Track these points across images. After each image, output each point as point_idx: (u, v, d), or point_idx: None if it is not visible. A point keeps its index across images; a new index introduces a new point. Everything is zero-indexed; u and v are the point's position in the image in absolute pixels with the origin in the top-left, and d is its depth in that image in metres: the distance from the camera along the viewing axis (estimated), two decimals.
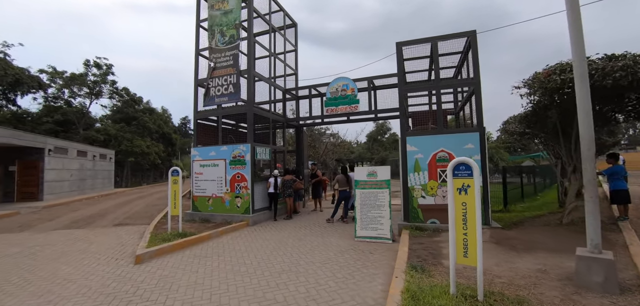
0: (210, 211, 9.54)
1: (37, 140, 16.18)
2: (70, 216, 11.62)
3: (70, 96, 30.29)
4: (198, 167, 9.86)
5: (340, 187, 9.05)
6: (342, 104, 10.72)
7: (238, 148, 9.23)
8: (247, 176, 9.04)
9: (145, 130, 37.31)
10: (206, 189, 9.68)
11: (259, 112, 9.87)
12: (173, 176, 7.25)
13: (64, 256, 6.01)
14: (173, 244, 6.27)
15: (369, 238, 6.85)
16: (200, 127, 10.41)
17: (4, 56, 25.62)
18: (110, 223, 9.82)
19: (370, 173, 7.06)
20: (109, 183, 25.82)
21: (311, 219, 9.75)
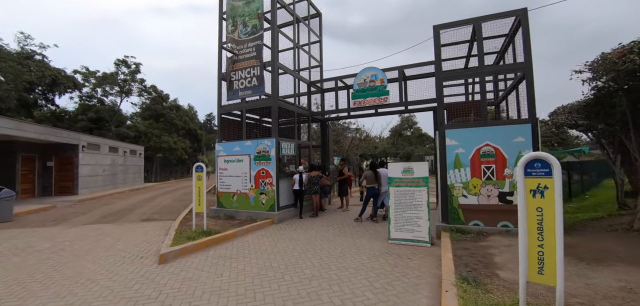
0: (235, 207, 9.30)
1: (72, 136, 16.82)
2: (102, 210, 11.87)
3: (103, 95, 31.60)
4: (222, 162, 9.65)
5: (369, 184, 8.48)
6: (371, 96, 10.09)
7: (262, 143, 8.89)
8: (272, 172, 8.69)
9: (172, 126, 38.39)
10: (231, 185, 9.44)
11: (283, 106, 9.47)
12: (197, 172, 7.01)
13: (91, 253, 5.92)
14: (197, 243, 6.01)
15: (404, 240, 6.26)
16: (224, 121, 10.18)
17: (42, 58, 27.05)
18: (138, 218, 9.86)
19: (406, 169, 6.44)
20: (139, 178, 26.70)
21: (338, 218, 9.27)
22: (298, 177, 9.26)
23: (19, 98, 24.55)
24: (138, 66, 31.45)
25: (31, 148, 15.92)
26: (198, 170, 7.01)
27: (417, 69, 10.16)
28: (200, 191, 6.96)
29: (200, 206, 6.98)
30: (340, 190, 10.42)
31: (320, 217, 9.45)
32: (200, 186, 6.97)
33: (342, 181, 10.43)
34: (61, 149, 16.93)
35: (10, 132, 12.33)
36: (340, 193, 10.43)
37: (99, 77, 30.58)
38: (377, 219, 8.57)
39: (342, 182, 10.41)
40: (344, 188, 10.36)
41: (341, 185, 10.41)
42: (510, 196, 6.45)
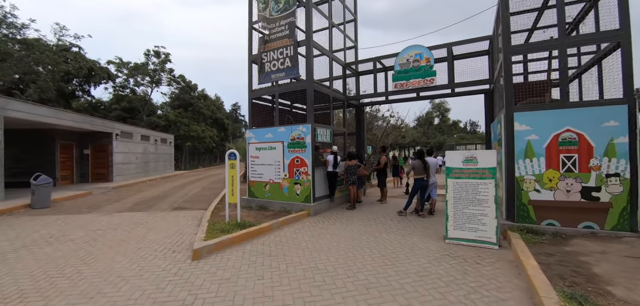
0: (267, 198, 8.78)
1: (106, 125, 17.14)
2: (134, 198, 11.86)
3: (135, 85, 32.47)
4: (254, 150, 9.12)
5: (416, 175, 7.60)
6: (415, 77, 9.12)
7: (297, 129, 8.23)
8: (308, 161, 8.03)
9: (200, 115, 39.00)
10: (263, 174, 8.91)
11: (319, 89, 8.73)
12: (230, 159, 6.48)
13: (123, 245, 5.57)
14: (232, 237, 5.48)
15: (465, 241, 5.39)
16: (255, 107, 9.63)
17: (78, 50, 28.03)
18: (170, 207, 9.63)
19: (468, 158, 5.51)
20: (169, 166, 27.26)
21: (378, 211, 8.48)
22: (332, 157, 8.57)
23: (58, 89, 25.67)
24: (167, 56, 31.95)
25: (69, 136, 16.38)
26: (231, 158, 6.47)
27: (468, 47, 9.03)
28: (234, 180, 6.43)
29: (234, 196, 6.47)
30: (380, 181, 9.60)
31: (358, 209, 8.72)
32: (234, 175, 6.44)
33: (381, 171, 9.60)
34: (96, 137, 17.32)
35: (48, 120, 12.56)
36: (380, 185, 9.61)
37: (131, 67, 31.42)
38: (423, 214, 7.71)
39: (381, 172, 9.59)
40: (383, 179, 9.54)
41: (380, 176, 9.59)
42: (596, 191, 5.36)
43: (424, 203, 7.78)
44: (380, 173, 9.58)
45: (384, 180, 9.61)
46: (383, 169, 9.53)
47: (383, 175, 9.51)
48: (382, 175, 9.52)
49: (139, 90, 32.66)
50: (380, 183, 9.61)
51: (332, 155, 8.58)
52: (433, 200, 7.97)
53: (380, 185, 9.61)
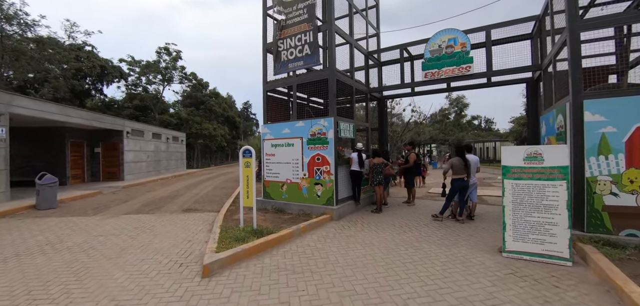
0: (285, 199, 7.98)
1: (116, 122, 16.73)
2: (144, 198, 11.28)
3: (147, 83, 32.31)
4: (269, 147, 8.33)
5: (455, 174, 6.65)
6: (448, 65, 8.14)
7: (318, 123, 7.39)
8: (330, 158, 7.18)
9: (212, 113, 38.69)
10: (279, 173, 8.11)
11: (341, 79, 7.85)
12: (245, 157, 5.68)
13: (123, 255, 4.86)
14: (248, 247, 4.69)
15: (528, 255, 4.44)
16: (270, 100, 8.83)
17: (91, 49, 27.98)
18: (179, 209, 8.96)
19: (531, 155, 4.55)
20: (181, 164, 26.91)
21: (408, 214, 7.56)
22: (356, 155, 7.71)
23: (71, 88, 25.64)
24: (179, 53, 31.65)
25: (79, 135, 16.02)
26: (246, 155, 5.68)
27: (508, 30, 7.99)
28: (249, 181, 5.64)
29: (249, 199, 5.68)
30: (407, 180, 8.67)
31: (384, 212, 7.82)
32: (249, 175, 5.64)
33: (408, 170, 8.66)
34: (107, 135, 16.94)
35: (55, 117, 12.13)
36: (408, 184, 8.68)
37: (142, 65, 31.24)
38: (463, 218, 6.76)
39: (409, 171, 8.65)
40: (411, 178, 8.60)
41: (408, 175, 8.66)
42: None
43: (463, 206, 6.83)
44: (408, 171, 8.65)
45: (413, 179, 8.67)
46: (412, 167, 8.60)
47: (411, 173, 8.58)
48: (411, 173, 8.59)
49: (150, 89, 32.48)
50: (408, 183, 8.68)
51: (357, 153, 7.72)
52: (473, 203, 7.01)
53: (408, 185, 8.68)
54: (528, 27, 8.05)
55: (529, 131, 8.22)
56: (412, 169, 8.66)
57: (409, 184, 8.67)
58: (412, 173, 8.64)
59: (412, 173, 8.66)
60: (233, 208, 8.53)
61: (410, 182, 8.63)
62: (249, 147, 5.64)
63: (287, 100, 9.42)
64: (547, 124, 6.62)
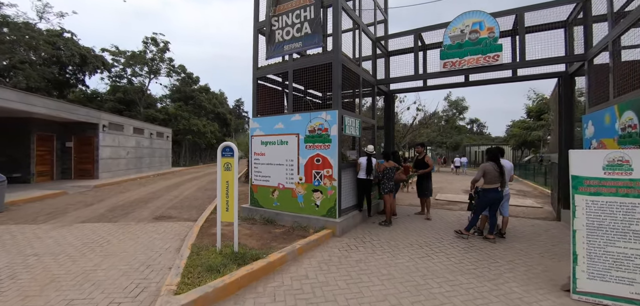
0: (276, 208, 6.64)
1: (91, 114, 15.09)
2: (113, 201, 9.79)
3: (132, 75, 30.46)
4: (258, 144, 6.98)
5: (488, 183, 5.43)
6: (472, 53, 6.93)
7: (318, 117, 6.07)
8: (333, 160, 5.87)
9: (201, 109, 37.00)
10: (270, 176, 6.77)
11: (348, 65, 6.52)
12: (224, 157, 4.32)
13: (45, 292, 3.46)
14: (224, 285, 3.35)
15: (612, 299, 3.22)
16: (261, 90, 7.48)
17: (71, 36, 26.07)
18: (151, 215, 7.55)
19: (614, 162, 3.33)
20: (166, 161, 25.27)
21: (425, 229, 6.31)
22: (365, 161, 6.44)
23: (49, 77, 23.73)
24: (166, 44, 29.92)
25: (48, 127, 14.36)
26: (226, 154, 4.31)
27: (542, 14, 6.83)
28: (229, 188, 4.29)
29: (229, 212, 4.33)
30: (422, 188, 7.37)
31: (395, 224, 6.56)
32: (229, 180, 4.29)
33: (423, 176, 7.38)
34: (80, 129, 15.30)
35: (14, 106, 10.52)
36: (422, 193, 7.39)
37: (127, 56, 29.40)
38: (493, 237, 5.54)
39: (424, 178, 7.37)
40: (426, 185, 7.31)
41: (423, 181, 7.37)
42: None
43: (494, 223, 5.61)
44: (423, 177, 7.37)
45: (430, 186, 7.38)
46: (429, 174, 7.33)
47: (427, 180, 7.30)
48: (427, 180, 7.30)
49: (136, 81, 30.62)
50: (423, 191, 7.38)
51: (366, 158, 6.45)
52: (505, 218, 5.80)
53: (423, 194, 7.39)
54: (562, 13, 6.92)
55: (563, 133, 7.06)
56: (429, 176, 7.38)
57: (423, 192, 7.38)
58: (428, 180, 7.35)
59: (429, 180, 7.37)
60: (214, 216, 7.15)
61: (426, 190, 7.32)
62: (230, 144, 4.28)
63: (281, 90, 8.09)
64: (598, 124, 5.44)
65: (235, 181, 4.23)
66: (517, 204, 9.32)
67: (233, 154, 4.24)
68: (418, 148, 7.96)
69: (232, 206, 4.31)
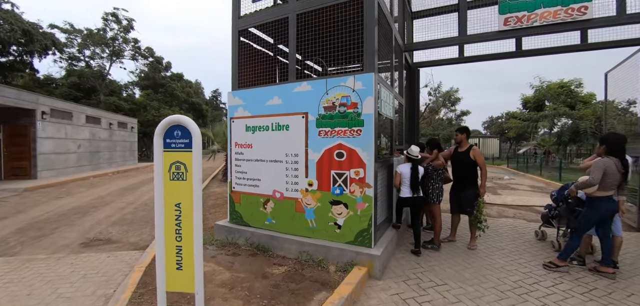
0: (270, 227, 4.35)
1: (23, 98, 11.91)
2: (39, 211, 7.10)
3: (90, 57, 26.58)
4: (241, 131, 4.61)
5: (604, 190, 3.44)
6: (549, 4, 4.89)
7: (341, 85, 3.78)
8: (366, 154, 3.63)
9: (174, 99, 33.52)
10: (260, 181, 4.44)
11: (384, 9, 4.19)
12: (171, 149, 1.95)
13: None
14: None
15: None
16: (245, 51, 5.07)
17: (11, 7, 21.98)
18: (80, 238, 5.05)
19: None
20: (131, 156, 22.07)
21: (489, 255, 4.27)
22: (408, 170, 4.20)
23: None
24: (130, 22, 26.22)
25: None
26: (174, 145, 1.96)
27: None
28: (183, 220, 1.94)
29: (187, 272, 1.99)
30: (464, 199, 4.65)
31: (442, 249, 4.48)
32: (184, 200, 1.94)
33: (467, 180, 4.81)
34: (12, 115, 12.12)
35: None
36: (461, 207, 4.73)
37: (84, 35, 25.50)
38: (609, 269, 3.58)
39: (469, 182, 4.81)
40: (471, 194, 4.62)
41: (465, 188, 4.79)
42: None
43: (610, 247, 3.63)
44: (468, 181, 4.92)
45: (475, 195, 4.84)
46: (474, 176, 5.04)
47: (473, 186, 4.82)
48: (472, 185, 4.82)
49: (94, 64, 26.75)
50: (464, 204, 4.68)
51: (408, 166, 4.22)
52: (618, 239, 3.83)
53: (463, 208, 4.70)
54: None
55: None
56: (474, 180, 4.77)
57: (464, 207, 4.67)
58: (474, 186, 4.66)
59: (475, 186, 4.67)
60: None
61: (470, 200, 4.59)
62: (184, 122, 1.94)
63: (273, 56, 5.72)
64: None
65: (195, 204, 1.90)
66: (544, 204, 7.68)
67: (191, 144, 1.89)
68: (458, 135, 5.48)
69: (194, 248, 1.99)
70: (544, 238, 5.05)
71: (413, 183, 4.14)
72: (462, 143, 4.79)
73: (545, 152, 21.85)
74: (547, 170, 16.79)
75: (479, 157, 4.63)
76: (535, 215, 6.98)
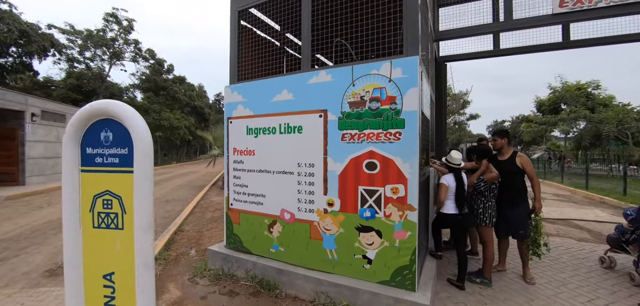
0: (277, 256, 3.42)
1: (10, 98, 11.11)
2: (11, 225, 6.24)
3: (90, 58, 25.95)
4: (241, 133, 3.70)
5: None
6: None
7: (371, 74, 2.86)
8: (409, 166, 2.70)
9: (175, 102, 32.80)
10: (265, 197, 3.52)
11: None
12: (89, 169, 1.00)
13: None
14: None
15: None
16: (246, 38, 4.17)
17: (9, 7, 21.41)
18: (47, 263, 4.18)
19: None
20: None
21: (558, 293, 3.32)
22: (453, 181, 3.28)
23: None
24: (131, 23, 25.57)
25: None
26: (92, 161, 1.02)
27: None
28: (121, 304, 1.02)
29: None
30: (515, 217, 3.63)
31: (496, 286, 3.52)
32: (119, 271, 1.01)
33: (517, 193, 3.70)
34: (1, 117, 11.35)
35: None
36: (519, 227, 3.63)
37: (84, 36, 24.87)
38: None
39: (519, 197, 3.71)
40: (523, 212, 3.63)
41: (516, 206, 3.68)
42: None
43: None
44: (518, 195, 3.86)
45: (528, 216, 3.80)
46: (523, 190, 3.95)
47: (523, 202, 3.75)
48: (522, 201, 3.73)
49: (93, 65, 26.08)
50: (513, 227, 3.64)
51: (452, 176, 3.30)
52: None
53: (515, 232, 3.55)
54: None
55: None
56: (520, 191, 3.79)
57: (517, 230, 3.65)
58: (523, 202, 3.66)
59: (525, 203, 3.69)
60: (160, 266, 3.86)
61: (521, 226, 3.62)
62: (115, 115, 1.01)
63: (281, 46, 4.83)
64: None
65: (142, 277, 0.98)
66: (586, 218, 6.85)
67: (131, 158, 0.97)
68: (497, 140, 3.95)
69: None
70: (611, 266, 4.09)
71: (459, 197, 3.20)
72: (503, 149, 3.82)
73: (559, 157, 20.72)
74: (567, 177, 15.75)
75: (528, 165, 3.68)
76: (579, 231, 6.04)
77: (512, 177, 3.67)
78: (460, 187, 3.25)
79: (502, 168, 3.72)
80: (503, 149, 3.82)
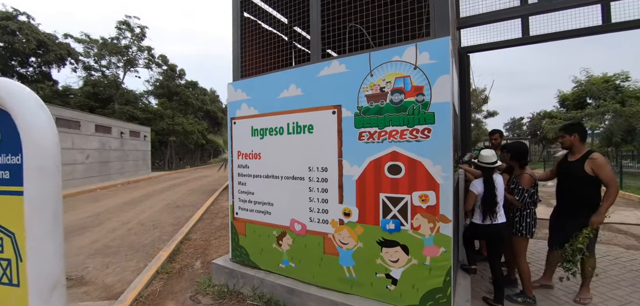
0: (286, 271, 3.03)
1: None
2: None
3: (105, 67, 26.47)
4: (246, 135, 3.35)
5: None
6: None
7: (392, 61, 2.44)
8: (441, 169, 2.26)
9: (188, 106, 33.09)
10: (273, 205, 3.15)
11: None
12: None
13: None
14: None
15: None
16: (250, 30, 3.82)
17: (27, 19, 22.04)
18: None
19: None
20: (144, 166, 21.48)
21: None
22: (480, 185, 2.80)
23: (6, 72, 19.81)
24: (143, 30, 25.94)
25: None
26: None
27: None
28: None
29: None
30: (574, 229, 2.96)
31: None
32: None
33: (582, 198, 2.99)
34: None
35: None
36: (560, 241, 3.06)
37: (99, 44, 25.40)
38: None
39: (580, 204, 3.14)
40: (584, 224, 2.94)
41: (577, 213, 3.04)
42: None
43: None
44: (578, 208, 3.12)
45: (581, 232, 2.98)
46: None
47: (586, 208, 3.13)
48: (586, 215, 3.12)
49: (108, 72, 26.59)
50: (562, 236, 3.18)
51: (480, 180, 2.82)
52: None
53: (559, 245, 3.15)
54: None
55: None
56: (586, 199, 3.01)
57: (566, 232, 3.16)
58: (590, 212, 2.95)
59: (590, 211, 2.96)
60: (161, 281, 3.53)
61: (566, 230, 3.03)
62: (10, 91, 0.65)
63: (289, 40, 4.46)
64: None
65: None
66: (628, 221, 6.26)
67: (20, 170, 0.59)
68: (566, 137, 3.12)
69: None
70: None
71: (490, 203, 2.72)
72: (573, 147, 3.08)
73: None
74: None
75: (602, 170, 2.85)
76: (625, 237, 5.40)
77: (578, 183, 2.97)
78: (491, 192, 2.76)
79: (569, 170, 3.07)
80: (574, 147, 3.07)
